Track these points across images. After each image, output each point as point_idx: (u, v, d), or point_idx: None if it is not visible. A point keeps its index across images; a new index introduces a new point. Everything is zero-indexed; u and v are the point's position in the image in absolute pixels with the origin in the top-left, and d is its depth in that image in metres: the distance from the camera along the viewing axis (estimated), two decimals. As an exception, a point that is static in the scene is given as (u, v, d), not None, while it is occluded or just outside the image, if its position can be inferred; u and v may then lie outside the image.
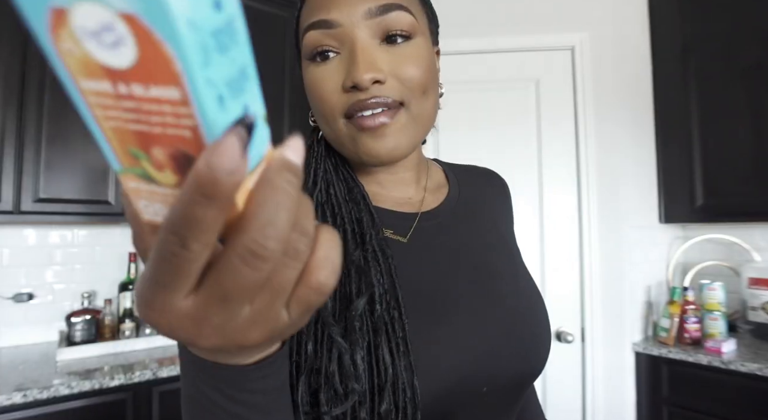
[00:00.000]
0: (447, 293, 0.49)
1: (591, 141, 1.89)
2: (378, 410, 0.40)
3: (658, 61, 2.02)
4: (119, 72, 0.15)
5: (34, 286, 1.85)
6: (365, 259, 0.45)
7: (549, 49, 1.95)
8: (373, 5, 0.44)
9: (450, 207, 0.56)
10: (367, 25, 0.44)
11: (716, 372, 1.59)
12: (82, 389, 1.37)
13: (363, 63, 0.43)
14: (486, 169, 0.68)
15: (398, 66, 0.45)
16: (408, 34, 0.46)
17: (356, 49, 0.44)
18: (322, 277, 0.20)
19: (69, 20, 0.15)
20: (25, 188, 1.58)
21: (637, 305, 1.91)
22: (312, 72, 0.47)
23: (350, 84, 0.44)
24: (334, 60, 0.45)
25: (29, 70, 1.60)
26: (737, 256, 1.98)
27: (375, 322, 0.43)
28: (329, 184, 0.50)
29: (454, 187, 0.60)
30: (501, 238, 0.58)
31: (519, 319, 0.51)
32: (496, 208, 0.62)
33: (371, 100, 0.44)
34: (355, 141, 0.47)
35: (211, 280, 0.18)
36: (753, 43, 1.77)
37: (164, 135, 0.16)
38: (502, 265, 0.55)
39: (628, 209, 1.91)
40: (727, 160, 1.83)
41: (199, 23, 0.14)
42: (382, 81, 0.44)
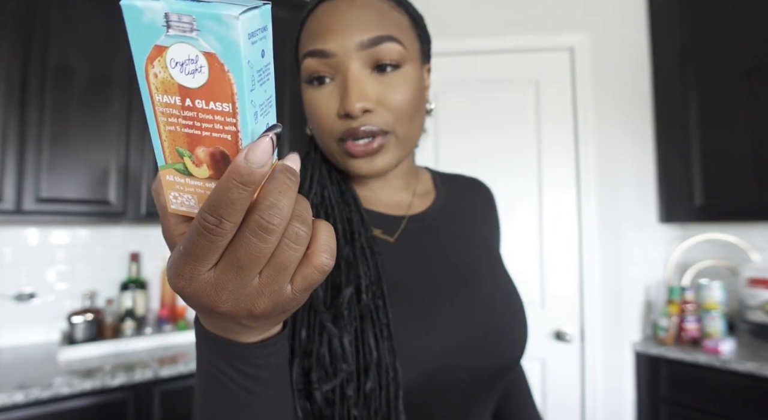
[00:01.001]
0: (429, 288, 0.53)
1: (590, 141, 1.90)
2: (363, 388, 0.45)
3: (658, 61, 2.02)
4: (190, 90, 0.22)
5: (36, 285, 1.86)
6: (354, 254, 0.49)
7: (548, 49, 1.96)
8: (365, 37, 0.48)
9: (436, 211, 0.61)
10: (359, 56, 0.48)
11: (715, 371, 1.60)
12: (84, 389, 1.37)
13: (354, 93, 0.47)
14: (473, 178, 0.72)
15: (387, 94, 0.49)
16: (397, 63, 0.50)
17: (348, 79, 0.48)
18: (324, 258, 0.26)
19: (165, 53, 0.22)
20: (27, 188, 1.59)
21: (636, 305, 1.92)
22: (309, 94, 0.51)
23: (343, 112, 0.48)
24: (329, 85, 0.50)
25: (31, 71, 1.60)
26: (736, 255, 1.99)
27: (361, 309, 0.47)
28: (324, 188, 0.55)
29: (441, 193, 0.64)
30: (483, 240, 0.62)
31: (497, 313, 0.55)
32: (479, 214, 0.66)
33: (362, 128, 0.49)
34: (345, 161, 0.52)
35: (229, 252, 0.24)
36: (753, 43, 1.77)
37: (210, 137, 0.23)
38: (483, 265, 0.58)
39: (628, 209, 1.91)
40: (726, 160, 1.83)
41: (252, 63, 0.22)
42: (371, 110, 0.49)
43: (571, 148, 1.93)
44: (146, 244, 2.08)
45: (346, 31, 0.48)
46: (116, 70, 1.76)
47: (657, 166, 2.04)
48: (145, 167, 1.81)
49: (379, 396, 0.45)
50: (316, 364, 0.45)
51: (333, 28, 0.48)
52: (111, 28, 1.76)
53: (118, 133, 1.76)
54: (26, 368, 1.49)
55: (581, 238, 1.89)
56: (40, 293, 1.86)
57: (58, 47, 1.65)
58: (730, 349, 1.66)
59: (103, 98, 1.73)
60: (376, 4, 0.50)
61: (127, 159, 1.77)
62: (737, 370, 1.54)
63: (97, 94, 1.72)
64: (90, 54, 1.71)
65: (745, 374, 1.53)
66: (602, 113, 1.90)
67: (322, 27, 0.49)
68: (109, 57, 1.75)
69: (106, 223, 1.99)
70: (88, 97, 1.70)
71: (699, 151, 1.90)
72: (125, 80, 1.78)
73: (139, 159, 1.80)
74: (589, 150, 1.89)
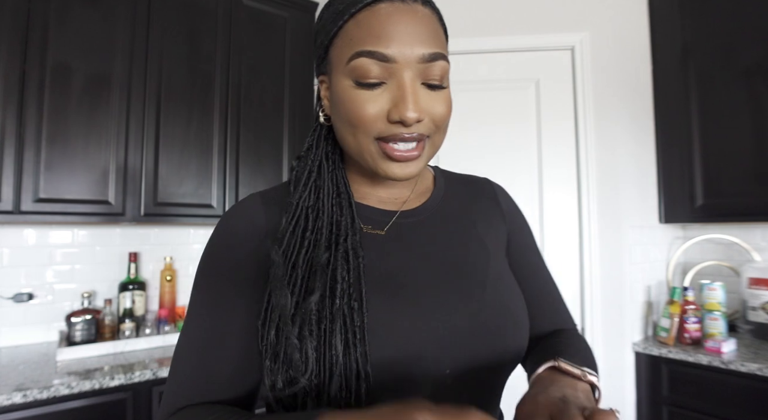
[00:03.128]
0: (414, 281, 0.54)
1: (591, 141, 1.89)
2: (328, 391, 0.46)
3: (658, 61, 2.02)
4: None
5: (34, 286, 1.85)
6: (335, 258, 0.51)
7: (549, 49, 1.95)
8: (426, 52, 0.50)
9: (430, 208, 0.62)
10: (416, 67, 0.50)
11: (716, 372, 1.59)
12: (82, 389, 1.37)
13: (413, 103, 0.49)
14: (481, 178, 0.73)
15: (433, 106, 0.52)
16: (442, 80, 0.53)
17: (407, 89, 0.50)
18: None
19: None
20: (25, 188, 1.58)
21: (637, 305, 1.91)
22: (356, 94, 0.51)
23: (397, 118, 0.49)
24: (379, 88, 0.51)
25: (29, 71, 1.60)
26: (737, 256, 1.98)
27: (333, 313, 0.48)
28: (319, 189, 0.56)
29: (439, 190, 0.66)
30: (477, 238, 0.62)
31: (485, 310, 0.55)
32: (478, 212, 0.66)
33: (408, 134, 0.51)
34: (377, 161, 0.53)
35: None
36: (753, 43, 1.77)
37: None
38: (473, 263, 0.59)
39: (628, 209, 1.91)
40: (727, 160, 1.83)
41: None
42: (421, 120, 0.51)
43: (572, 148, 1.92)
44: (145, 244, 2.08)
45: (411, 41, 0.49)
46: (115, 70, 1.76)
47: (658, 166, 2.04)
48: (144, 167, 1.80)
49: (348, 399, 0.46)
50: (283, 368, 0.47)
51: (398, 35, 0.49)
52: (109, 28, 1.75)
53: (116, 132, 1.75)
54: (25, 369, 1.49)
55: (582, 238, 1.89)
56: (38, 294, 1.86)
57: (57, 47, 1.65)
58: (731, 350, 1.65)
59: (102, 98, 1.73)
60: (432, 18, 0.52)
61: (125, 159, 1.76)
62: (739, 370, 1.53)
63: (95, 94, 1.72)
64: (88, 53, 1.71)
65: (746, 375, 1.52)
66: (603, 113, 1.89)
67: (385, 30, 0.49)
68: (108, 56, 1.75)
69: (104, 224, 1.98)
70: (86, 97, 1.70)
71: (700, 150, 1.90)
72: (124, 80, 1.77)
73: (138, 159, 1.79)
74: (589, 150, 1.89)
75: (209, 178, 1.96)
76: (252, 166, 2.08)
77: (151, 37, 1.84)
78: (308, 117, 2.26)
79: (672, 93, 1.98)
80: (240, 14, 2.08)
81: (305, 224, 0.53)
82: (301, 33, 2.27)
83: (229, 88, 2.02)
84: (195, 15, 1.96)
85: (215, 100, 1.99)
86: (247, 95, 2.07)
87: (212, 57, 1.99)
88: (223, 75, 2.01)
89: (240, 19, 2.08)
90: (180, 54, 1.91)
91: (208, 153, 1.96)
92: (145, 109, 1.81)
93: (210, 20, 2.00)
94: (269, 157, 2.13)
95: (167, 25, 1.88)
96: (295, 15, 2.25)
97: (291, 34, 2.23)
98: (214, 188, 1.97)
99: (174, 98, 1.89)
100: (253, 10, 2.12)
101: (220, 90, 2.00)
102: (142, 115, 1.80)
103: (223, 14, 2.03)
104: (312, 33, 0.58)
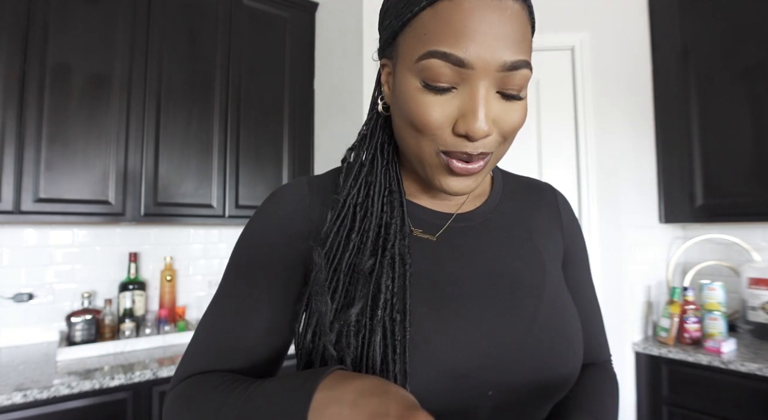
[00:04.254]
0: (462, 293, 0.50)
1: (591, 141, 1.89)
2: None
3: (658, 61, 2.02)
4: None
5: (34, 286, 1.85)
6: (381, 265, 0.47)
7: (549, 49, 1.95)
8: (509, 59, 0.43)
9: (485, 213, 0.57)
10: (495, 76, 0.44)
11: (716, 372, 1.59)
12: (82, 389, 1.37)
13: (483, 117, 0.44)
14: (543, 183, 0.66)
15: (504, 120, 0.46)
16: (521, 90, 0.46)
17: (479, 99, 0.44)
18: None
19: None
20: (26, 188, 1.59)
21: (637, 305, 1.91)
22: (421, 96, 0.45)
23: (463, 132, 0.44)
24: (449, 93, 0.45)
25: (29, 71, 1.60)
26: (737, 256, 1.98)
27: (373, 325, 0.45)
28: (370, 186, 0.52)
29: (496, 195, 0.60)
30: (534, 250, 0.57)
31: (536, 329, 0.50)
32: (537, 222, 0.60)
33: (475, 152, 0.46)
34: (434, 172, 0.48)
35: None
36: (753, 43, 1.77)
37: None
38: (528, 276, 0.54)
39: (628, 209, 1.91)
40: (727, 160, 1.83)
41: None
42: (490, 135, 0.46)
43: (572, 148, 1.92)
44: (145, 244, 2.08)
45: (494, 45, 0.42)
46: (115, 70, 1.76)
47: (658, 166, 2.04)
48: (144, 167, 1.80)
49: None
50: None
51: (479, 37, 0.42)
52: (109, 28, 1.75)
53: (117, 132, 1.75)
54: (25, 369, 1.49)
55: (582, 238, 1.88)
56: (38, 294, 1.86)
57: (57, 47, 1.65)
58: (731, 350, 1.65)
59: (102, 98, 1.73)
60: (523, 15, 0.45)
61: (125, 159, 1.76)
62: (739, 370, 1.53)
63: (95, 94, 1.72)
64: (88, 54, 1.71)
65: (746, 375, 1.52)
66: (603, 113, 1.89)
67: (466, 29, 0.42)
68: (108, 57, 1.75)
69: (104, 223, 1.98)
70: (86, 97, 1.70)
71: (700, 151, 1.90)
72: (124, 80, 1.77)
73: (138, 159, 1.79)
74: (589, 150, 1.89)
75: (209, 178, 1.96)
76: (252, 166, 2.08)
77: (152, 37, 1.84)
78: (308, 117, 2.26)
79: (672, 93, 1.98)
80: (240, 14, 2.08)
81: (351, 224, 0.50)
82: (301, 33, 2.27)
83: (229, 88, 2.02)
84: (195, 15, 1.96)
85: (215, 100, 1.99)
86: (247, 95, 2.07)
87: (212, 57, 1.99)
88: (223, 75, 2.01)
89: (240, 19, 2.08)
90: (180, 54, 1.91)
91: (208, 153, 1.96)
92: (145, 109, 1.81)
93: (210, 20, 2.00)
94: (269, 157, 2.13)
95: (167, 26, 1.89)
96: (295, 15, 2.25)
97: (291, 34, 2.23)
98: (214, 188, 1.97)
99: (174, 98, 1.89)
100: (253, 11, 2.12)
101: (220, 90, 2.00)
102: (142, 115, 1.81)
103: (223, 14, 2.03)
104: (381, 10, 0.55)
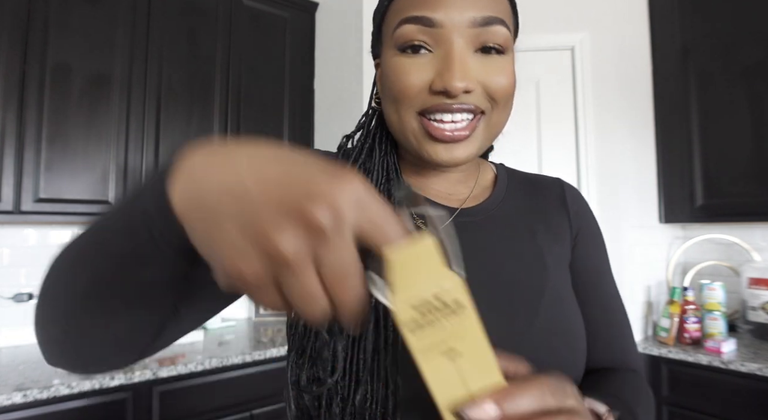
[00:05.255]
0: None
1: (591, 141, 1.89)
2: (353, 399, 0.41)
3: (658, 60, 2.01)
4: None
5: (35, 286, 1.85)
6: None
7: (549, 49, 1.95)
8: (478, 15, 0.44)
9: (487, 209, 0.55)
10: (466, 33, 0.44)
11: (716, 372, 1.59)
12: (82, 389, 1.37)
13: (458, 71, 0.43)
14: (550, 178, 0.63)
15: (488, 76, 0.45)
16: (501, 49, 0.46)
17: (453, 55, 0.44)
18: None
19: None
20: (26, 188, 1.59)
21: (637, 305, 1.91)
22: (398, 62, 0.46)
23: (441, 88, 0.44)
24: (425, 56, 0.45)
25: (30, 71, 1.60)
26: (737, 256, 1.98)
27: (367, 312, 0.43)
28: (368, 172, 0.51)
29: (500, 191, 0.57)
30: (536, 249, 0.54)
31: (534, 330, 0.48)
32: (541, 220, 0.57)
33: (456, 105, 0.44)
34: (420, 141, 0.47)
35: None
36: (753, 43, 1.77)
37: None
38: (528, 276, 0.51)
39: (628, 209, 1.91)
40: (727, 160, 1.83)
41: None
42: (471, 91, 0.45)
43: (572, 148, 1.92)
44: (145, 244, 2.08)
45: (463, 4, 0.44)
46: (115, 70, 1.76)
47: (658, 166, 2.04)
48: (144, 167, 1.80)
49: (374, 410, 0.41)
50: (308, 364, 0.43)
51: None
52: (109, 28, 1.75)
53: (116, 132, 1.75)
54: (25, 369, 1.49)
55: (582, 238, 1.88)
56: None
57: (57, 47, 1.65)
58: (731, 350, 1.65)
59: (102, 98, 1.73)
60: None
61: (126, 158, 1.76)
62: (738, 370, 1.53)
63: (95, 94, 1.72)
64: (88, 54, 1.71)
65: (746, 375, 1.52)
66: (603, 113, 1.89)
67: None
68: (108, 57, 1.75)
69: (105, 224, 1.98)
70: (86, 97, 1.70)
71: (700, 150, 1.90)
72: (124, 80, 1.77)
73: (138, 159, 1.79)
74: (589, 150, 1.89)
75: (209, 178, 1.96)
76: (252, 166, 2.07)
77: (152, 37, 1.84)
78: (308, 117, 2.26)
79: (672, 93, 1.98)
80: (240, 14, 2.08)
81: None
82: (301, 33, 2.27)
83: (229, 88, 2.02)
84: (195, 15, 1.96)
85: (215, 100, 1.99)
86: (247, 95, 2.07)
87: (212, 57, 1.99)
88: (223, 75, 2.01)
89: (240, 19, 2.08)
90: (180, 54, 1.91)
91: (208, 153, 1.96)
92: (145, 109, 1.81)
93: (210, 20, 2.00)
94: (269, 157, 2.12)
95: (167, 26, 1.89)
96: (295, 15, 2.25)
97: (291, 34, 2.23)
98: (214, 188, 1.97)
99: (174, 98, 1.89)
100: (253, 11, 2.12)
101: (220, 90, 2.00)
102: (142, 115, 1.81)
103: (223, 14, 2.03)
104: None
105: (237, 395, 1.64)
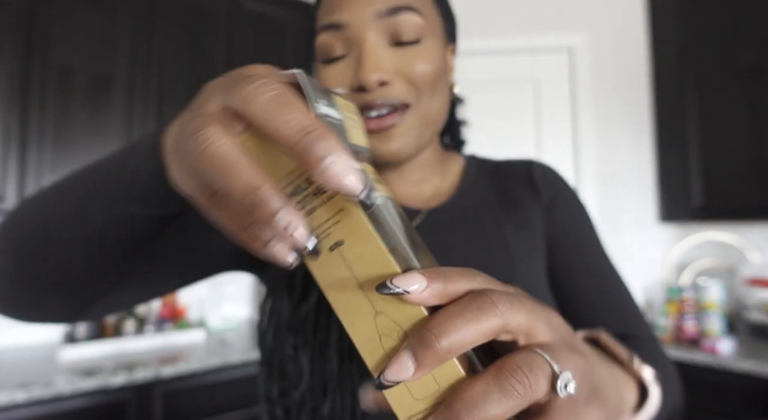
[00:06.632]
0: None
1: (589, 141, 1.90)
2: (320, 410, 0.42)
3: (657, 61, 2.02)
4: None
5: (37, 285, 1.86)
6: None
7: (548, 49, 1.96)
8: (381, 7, 0.43)
9: (452, 207, 0.53)
10: (375, 27, 0.44)
11: (713, 371, 1.60)
12: (85, 388, 1.38)
13: (369, 64, 0.42)
14: (518, 161, 0.59)
15: (405, 65, 0.44)
16: (417, 37, 0.45)
17: (363, 50, 0.43)
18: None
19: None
20: (29, 188, 1.60)
21: (635, 304, 1.92)
22: (324, 74, 0.46)
23: (357, 85, 0.43)
24: (342, 61, 0.45)
25: (33, 72, 1.61)
26: (735, 255, 1.99)
27: (330, 322, 0.44)
28: None
29: (466, 186, 0.56)
30: (502, 244, 0.52)
31: None
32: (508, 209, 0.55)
33: (378, 100, 0.43)
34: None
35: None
36: (752, 43, 1.77)
37: None
38: (492, 272, 0.50)
39: (627, 208, 1.92)
40: (726, 160, 1.84)
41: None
42: (387, 82, 0.43)
43: (570, 148, 1.93)
44: (147, 243, 2.09)
45: (361, 0, 0.44)
46: (117, 71, 1.77)
47: (656, 166, 2.05)
48: (146, 167, 1.82)
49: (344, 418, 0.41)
50: (278, 376, 0.44)
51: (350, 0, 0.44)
52: (112, 29, 1.76)
53: (119, 132, 1.76)
54: (27, 367, 1.50)
55: (580, 238, 1.89)
56: (41, 293, 1.87)
57: (60, 48, 1.66)
58: (728, 349, 1.66)
59: (105, 98, 1.74)
60: None
61: (127, 159, 1.78)
62: (736, 369, 1.54)
63: (98, 95, 1.73)
64: (91, 55, 1.72)
65: (743, 374, 1.53)
66: (601, 113, 1.90)
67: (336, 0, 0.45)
68: (111, 58, 1.76)
69: (106, 223, 1.99)
70: (89, 98, 1.71)
71: (698, 150, 1.91)
72: (126, 81, 1.78)
73: (139, 159, 1.80)
74: (588, 150, 1.90)
75: (210, 178, 1.97)
76: (252, 167, 2.08)
77: (154, 38, 1.85)
78: (308, 117, 2.26)
79: (670, 93, 1.98)
80: (241, 16, 2.09)
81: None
82: (301, 36, 2.27)
83: (230, 88, 2.03)
84: (197, 17, 1.97)
85: (216, 101, 2.00)
86: (248, 96, 2.07)
87: (214, 59, 2.00)
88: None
89: (241, 21, 2.09)
90: (182, 56, 1.92)
91: (209, 153, 1.97)
92: (147, 109, 1.83)
93: (212, 22, 2.01)
94: (270, 157, 2.14)
95: (169, 28, 1.90)
96: (295, 17, 2.26)
97: (291, 36, 2.24)
98: (215, 188, 1.98)
99: (176, 99, 1.90)
100: (254, 13, 2.13)
101: (221, 91, 2.01)
102: (144, 116, 1.82)
103: (225, 17, 2.04)
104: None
105: (239, 394, 1.65)
